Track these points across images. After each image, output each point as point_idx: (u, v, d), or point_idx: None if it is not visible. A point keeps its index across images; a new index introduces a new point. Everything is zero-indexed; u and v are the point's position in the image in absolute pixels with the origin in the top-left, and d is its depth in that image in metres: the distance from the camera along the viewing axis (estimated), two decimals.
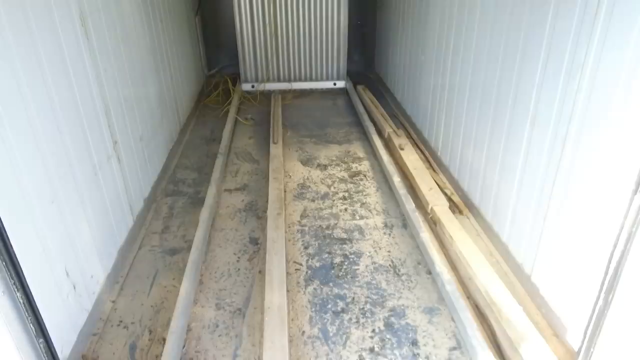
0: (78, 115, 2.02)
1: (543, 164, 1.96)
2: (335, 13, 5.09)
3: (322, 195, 3.11)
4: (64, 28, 1.93)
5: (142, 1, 3.09)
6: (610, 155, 1.50)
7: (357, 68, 6.04)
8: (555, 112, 1.86)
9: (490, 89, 2.50)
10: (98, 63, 2.26)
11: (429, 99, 3.61)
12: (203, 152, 3.82)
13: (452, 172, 3.14)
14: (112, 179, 2.36)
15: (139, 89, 2.90)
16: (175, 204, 3.00)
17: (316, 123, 4.46)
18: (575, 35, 1.72)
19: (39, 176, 1.66)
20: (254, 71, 5.34)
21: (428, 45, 3.62)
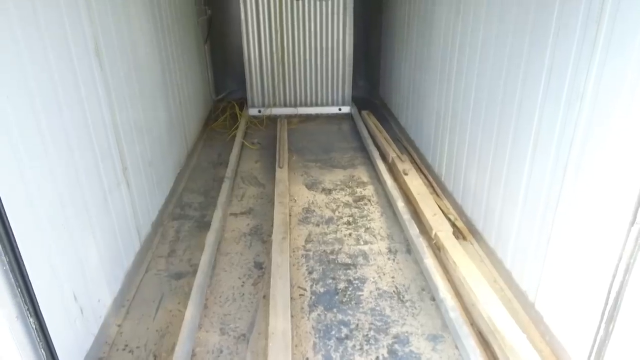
0: (90, 143, 2.08)
1: (545, 191, 1.99)
2: (340, 40, 5.22)
3: (326, 220, 3.14)
4: (80, 59, 2.01)
5: (154, 32, 3.21)
6: (609, 184, 1.53)
7: (362, 93, 6.15)
8: (556, 138, 1.90)
9: (492, 115, 2.55)
10: (111, 92, 2.34)
11: (432, 124, 3.67)
12: (210, 175, 3.87)
13: (456, 198, 3.17)
14: (121, 204, 2.41)
15: (149, 115, 2.98)
16: (181, 228, 3.04)
17: (321, 147, 4.52)
18: (574, 62, 1.77)
19: (51, 202, 1.71)
20: (261, 96, 5.45)
21: (431, 71, 3.69)
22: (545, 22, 1.98)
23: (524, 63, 2.17)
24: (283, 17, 5.04)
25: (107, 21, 2.33)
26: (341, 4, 5.04)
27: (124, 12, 2.60)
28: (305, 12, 5.06)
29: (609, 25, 1.56)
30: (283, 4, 4.98)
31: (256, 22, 5.06)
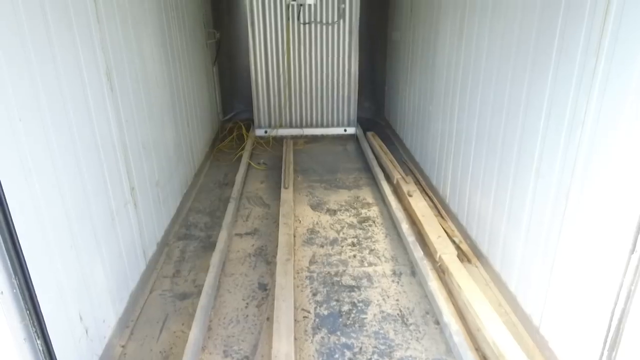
0: (99, 163, 2.12)
1: (548, 216, 2.00)
2: (346, 63, 5.30)
3: (331, 241, 3.15)
4: (91, 82, 2.07)
5: (164, 55, 3.29)
6: (610, 212, 1.54)
7: (367, 114, 6.21)
8: (558, 165, 1.91)
9: (495, 139, 2.57)
10: (120, 113, 2.39)
11: (437, 146, 3.70)
12: (216, 196, 3.91)
13: (461, 220, 3.17)
14: (128, 224, 2.44)
15: (157, 136, 3.03)
16: (187, 248, 3.06)
17: (326, 168, 4.56)
18: (575, 91, 1.80)
19: (60, 222, 1.74)
20: (267, 117, 5.52)
21: (435, 94, 3.74)
22: (545, 51, 2.01)
23: (525, 90, 2.20)
24: (290, 40, 5.14)
25: (118, 45, 2.40)
26: (347, 28, 5.14)
27: (136, 36, 2.67)
28: (312, 36, 5.16)
29: (608, 56, 1.59)
30: (290, 28, 5.09)
31: (264, 45, 5.16)
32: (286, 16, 5.02)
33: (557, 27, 1.93)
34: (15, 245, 1.19)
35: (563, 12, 1.89)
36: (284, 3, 4.97)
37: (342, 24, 5.12)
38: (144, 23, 2.85)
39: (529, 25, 2.18)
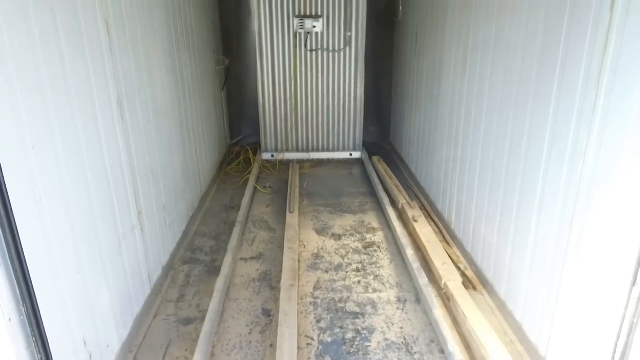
0: (108, 189, 2.17)
1: (552, 246, 2.00)
2: (352, 88, 5.39)
3: (335, 267, 3.15)
4: (103, 110, 2.13)
5: (173, 81, 3.37)
6: (611, 244, 1.54)
7: (373, 139, 6.26)
8: (561, 196, 1.92)
9: (499, 168, 2.59)
10: (130, 139, 2.45)
11: (442, 172, 3.72)
12: (222, 219, 3.94)
13: (466, 246, 3.16)
14: (134, 248, 2.46)
15: (165, 161, 3.09)
16: (192, 272, 3.07)
17: (332, 192, 4.58)
18: (576, 124, 1.82)
19: (68, 249, 1.77)
20: (274, 141, 5.59)
21: (440, 120, 3.78)
22: (547, 84, 2.05)
23: (528, 121, 2.23)
24: (297, 66, 5.25)
25: (129, 74, 2.48)
26: (353, 55, 5.24)
27: (147, 65, 2.75)
28: (319, 62, 5.27)
29: (608, 90, 1.62)
30: (297, 55, 5.20)
31: (271, 70, 5.27)
32: (294, 43, 5.14)
33: (558, 63, 1.96)
34: (25, 272, 1.22)
35: (563, 47, 1.94)
36: (292, 31, 5.09)
37: (349, 51, 5.22)
38: (154, 52, 2.94)
39: (530, 58, 2.22)
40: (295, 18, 5.03)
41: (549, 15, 2.05)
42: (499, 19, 2.59)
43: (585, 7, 1.78)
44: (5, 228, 1.17)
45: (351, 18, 5.09)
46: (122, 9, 2.40)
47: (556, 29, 1.99)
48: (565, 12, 1.92)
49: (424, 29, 4.26)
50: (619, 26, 1.60)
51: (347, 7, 5.05)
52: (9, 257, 1.20)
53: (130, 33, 2.50)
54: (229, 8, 5.59)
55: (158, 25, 3.03)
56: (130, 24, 2.50)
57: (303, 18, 5.02)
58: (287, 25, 5.09)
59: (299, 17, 5.03)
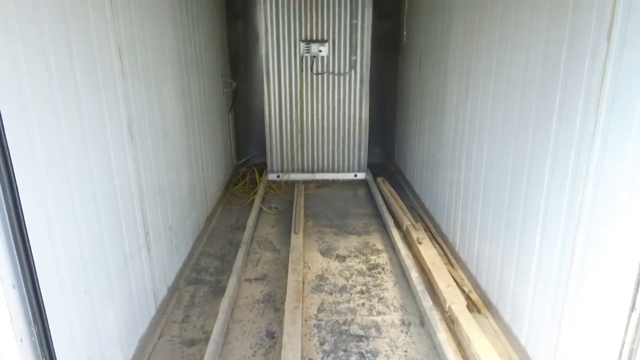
0: (117, 210, 2.21)
1: (555, 270, 2.00)
2: (357, 110, 5.46)
3: (340, 288, 3.15)
4: (113, 132, 2.19)
5: (182, 104, 3.45)
6: (611, 269, 1.55)
7: (378, 160, 6.30)
8: (562, 221, 1.94)
9: (502, 192, 2.61)
10: (139, 162, 2.50)
11: (446, 193, 3.74)
12: (227, 240, 3.96)
13: (470, 268, 3.16)
14: (141, 269, 2.49)
15: (173, 182, 3.14)
16: (196, 293, 3.09)
17: (337, 213, 4.60)
18: (577, 148, 1.85)
19: (76, 269, 1.80)
20: (280, 162, 5.65)
21: (444, 143, 3.82)
22: (547, 109, 2.09)
23: (529, 145, 2.27)
24: (303, 89, 5.34)
25: (140, 98, 2.55)
26: (358, 78, 5.33)
27: (157, 89, 2.83)
28: (324, 85, 5.36)
29: (606, 119, 1.66)
30: (304, 78, 5.30)
31: (278, 93, 5.37)
32: (300, 67, 5.25)
33: (557, 90, 2.01)
34: (37, 293, 1.25)
35: (562, 75, 1.98)
36: (298, 54, 5.20)
37: (354, 74, 5.32)
38: (164, 76, 3.02)
39: (531, 84, 2.27)
40: (302, 42, 5.14)
41: (548, 45, 2.10)
42: (501, 43, 2.65)
43: (583, 37, 1.83)
44: (20, 251, 1.21)
45: (356, 42, 5.20)
46: (134, 35, 2.49)
47: (555, 58, 2.04)
48: (564, 42, 1.97)
49: (428, 53, 4.34)
50: (615, 56, 1.65)
51: (352, 32, 5.17)
52: (22, 279, 1.24)
53: (142, 58, 2.59)
54: (238, 32, 5.74)
55: (168, 50, 3.12)
56: (142, 50, 2.59)
57: (309, 42, 5.14)
58: (293, 49, 5.20)
59: (306, 41, 5.15)
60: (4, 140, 1.20)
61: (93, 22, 2.00)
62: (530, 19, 2.28)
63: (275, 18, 5.10)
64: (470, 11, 3.14)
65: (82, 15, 1.92)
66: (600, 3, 1.72)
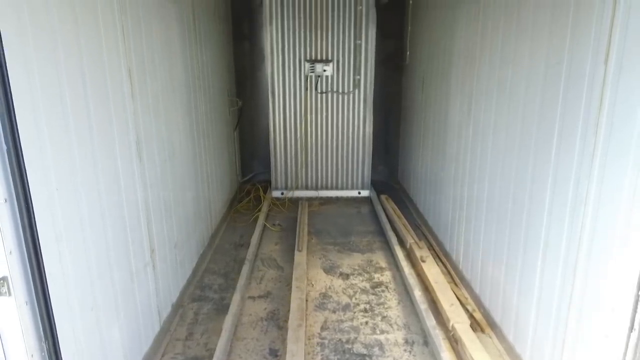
0: (124, 227, 2.25)
1: (558, 289, 2.01)
2: (360, 128, 5.52)
3: (343, 307, 3.15)
4: (122, 152, 2.24)
5: (188, 123, 3.52)
6: (612, 290, 1.57)
7: (381, 177, 6.34)
8: (564, 240, 1.96)
9: (504, 210, 2.63)
10: (146, 180, 2.55)
11: (449, 212, 3.76)
12: (231, 257, 3.98)
13: (474, 287, 3.16)
14: (146, 285, 2.52)
15: (178, 199, 3.18)
16: (200, 310, 3.10)
17: (340, 231, 4.62)
18: (577, 170, 1.88)
19: (83, 286, 1.83)
20: (284, 179, 5.69)
21: (447, 161, 3.86)
22: (548, 130, 2.13)
23: (530, 167, 2.30)
24: (308, 107, 5.42)
25: (148, 118, 2.61)
26: (362, 97, 5.41)
27: (164, 109, 2.90)
28: (329, 104, 5.44)
29: (605, 139, 1.70)
30: (308, 97, 5.38)
31: (283, 111, 5.44)
32: (305, 86, 5.33)
33: (557, 113, 2.05)
34: (48, 310, 1.28)
35: (562, 98, 2.03)
36: (303, 74, 5.29)
37: (357, 93, 5.39)
38: (172, 96, 3.09)
39: (531, 106, 2.31)
40: (307, 62, 5.24)
41: (548, 67, 2.15)
42: (502, 65, 2.71)
43: (581, 60, 1.88)
44: (34, 268, 1.25)
45: (360, 62, 5.29)
46: (144, 58, 2.56)
47: (555, 79, 2.08)
48: (563, 63, 2.02)
49: (430, 74, 4.42)
50: (613, 79, 1.69)
51: (356, 52, 5.26)
52: (35, 295, 1.27)
53: (151, 80, 2.66)
54: (244, 52, 5.85)
55: (176, 71, 3.20)
56: (151, 72, 2.66)
57: (314, 62, 5.23)
58: (298, 69, 5.30)
59: (310, 61, 5.24)
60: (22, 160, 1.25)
61: (105, 45, 2.07)
62: (530, 43, 2.34)
63: (281, 39, 5.21)
64: (472, 38, 3.21)
65: (94, 38, 1.98)
66: (598, 28, 1.77)
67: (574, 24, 1.94)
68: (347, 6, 5.14)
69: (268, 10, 5.12)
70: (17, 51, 1.43)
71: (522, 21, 2.42)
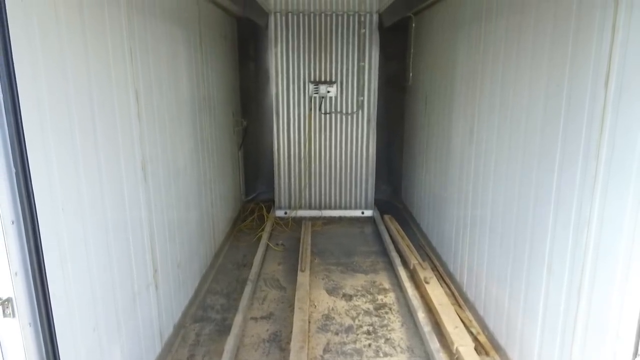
0: (127, 248, 2.26)
1: (562, 313, 2.00)
2: (364, 149, 5.56)
3: (346, 328, 3.13)
4: (128, 173, 2.27)
5: (193, 144, 3.55)
6: (615, 314, 1.56)
7: (385, 196, 6.34)
8: (568, 262, 1.95)
9: (508, 232, 2.63)
10: (151, 201, 2.57)
11: (453, 233, 3.75)
12: (234, 277, 3.97)
13: (478, 309, 3.13)
14: (148, 306, 2.51)
15: (182, 219, 3.19)
16: (202, 331, 3.08)
17: (343, 251, 4.61)
18: (579, 193, 1.89)
19: (86, 306, 1.83)
20: (288, 198, 5.70)
21: (450, 181, 3.86)
22: (550, 151, 2.15)
23: (533, 188, 2.31)
24: (312, 127, 5.47)
25: (154, 139, 2.64)
26: (365, 117, 5.45)
27: (170, 131, 2.93)
28: (332, 124, 5.49)
29: (607, 162, 1.71)
30: (312, 117, 5.44)
31: (287, 131, 5.49)
32: (309, 106, 5.39)
33: (559, 135, 2.07)
34: (52, 332, 1.28)
35: (563, 121, 2.05)
36: (307, 95, 5.36)
37: (361, 114, 5.45)
38: (178, 117, 3.14)
39: (532, 126, 2.33)
40: (311, 84, 5.31)
41: (549, 90, 2.18)
42: (504, 89, 2.74)
43: (582, 84, 1.90)
44: (38, 290, 1.26)
45: (363, 83, 5.35)
46: (151, 79, 2.61)
47: (556, 103, 2.11)
48: (564, 86, 2.05)
49: (433, 95, 4.46)
50: (614, 102, 1.71)
51: (359, 74, 5.33)
52: (38, 316, 1.28)
53: (157, 101, 2.70)
54: (250, 73, 5.94)
55: (182, 93, 3.25)
56: (158, 93, 2.71)
57: (318, 84, 5.30)
58: (302, 90, 5.37)
59: (314, 82, 5.31)
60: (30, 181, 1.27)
61: (113, 67, 2.12)
62: (531, 62, 2.37)
63: (286, 60, 5.29)
64: (473, 62, 3.26)
65: (103, 60, 2.03)
66: (598, 51, 1.79)
67: (574, 46, 1.97)
68: (350, 29, 5.23)
69: (273, 33, 5.21)
70: (27, 72, 1.47)
71: (522, 44, 2.46)
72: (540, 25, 2.27)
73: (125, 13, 2.23)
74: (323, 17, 5.19)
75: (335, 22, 5.21)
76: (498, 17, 2.81)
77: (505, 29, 2.69)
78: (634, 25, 1.61)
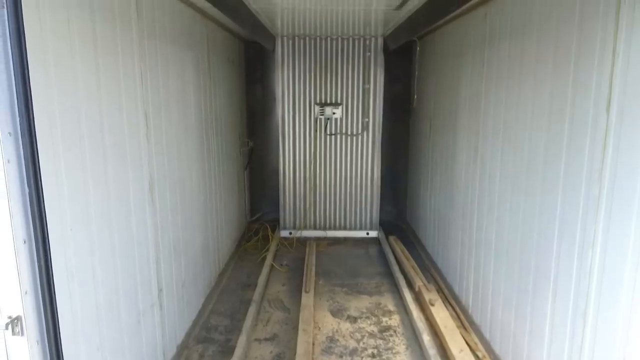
0: (133, 268, 2.28)
1: (568, 337, 1.98)
2: (369, 169, 5.59)
3: (350, 351, 3.10)
4: (135, 195, 2.30)
5: (200, 166, 3.60)
6: (622, 339, 1.55)
7: (389, 217, 6.33)
8: (573, 285, 1.95)
9: (513, 254, 2.62)
10: (157, 222, 2.60)
11: (458, 255, 3.74)
12: (238, 297, 3.96)
13: (484, 332, 3.10)
14: (152, 325, 2.51)
15: (187, 239, 3.21)
16: (205, 352, 3.06)
17: (348, 272, 4.59)
18: (582, 217, 1.89)
19: (91, 325, 1.84)
20: (293, 219, 5.72)
21: (455, 203, 3.87)
22: (553, 175, 2.16)
23: (537, 212, 2.32)
24: (317, 149, 5.52)
25: (162, 162, 2.69)
26: (370, 138, 5.50)
27: (178, 153, 2.98)
28: (337, 145, 5.54)
29: (610, 186, 1.72)
30: (317, 138, 5.50)
31: (292, 152, 5.55)
32: (314, 128, 5.46)
33: (562, 160, 2.09)
34: (59, 350, 1.29)
35: (566, 144, 2.07)
36: (313, 116, 5.43)
37: (366, 135, 5.50)
38: (185, 139, 3.19)
39: (536, 149, 2.36)
40: (316, 105, 5.38)
41: (552, 115, 2.21)
42: (507, 113, 2.78)
43: (584, 108, 1.93)
44: (47, 309, 1.27)
45: (369, 105, 5.42)
46: (160, 101, 2.67)
47: (559, 128, 2.13)
48: (566, 111, 2.08)
49: (437, 117, 4.51)
50: (616, 126, 1.73)
51: (364, 96, 5.41)
52: (46, 335, 1.30)
53: (166, 124, 2.76)
54: (256, 95, 6.03)
55: (190, 114, 3.31)
56: (166, 116, 2.77)
57: (324, 105, 5.37)
58: (308, 112, 5.44)
59: (320, 104, 5.39)
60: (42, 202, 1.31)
61: (124, 90, 2.18)
62: (534, 84, 2.40)
63: (292, 82, 5.38)
64: (477, 87, 3.31)
65: (114, 83, 2.09)
66: (599, 76, 1.83)
67: (575, 71, 2.01)
68: (356, 52, 5.33)
69: (280, 56, 5.32)
70: (41, 97, 1.52)
71: (525, 68, 2.50)
72: (542, 51, 2.31)
73: (137, 39, 2.31)
74: (329, 41, 5.29)
75: (341, 45, 5.31)
76: (501, 42, 2.86)
77: (508, 54, 2.74)
78: (633, 51, 1.65)
